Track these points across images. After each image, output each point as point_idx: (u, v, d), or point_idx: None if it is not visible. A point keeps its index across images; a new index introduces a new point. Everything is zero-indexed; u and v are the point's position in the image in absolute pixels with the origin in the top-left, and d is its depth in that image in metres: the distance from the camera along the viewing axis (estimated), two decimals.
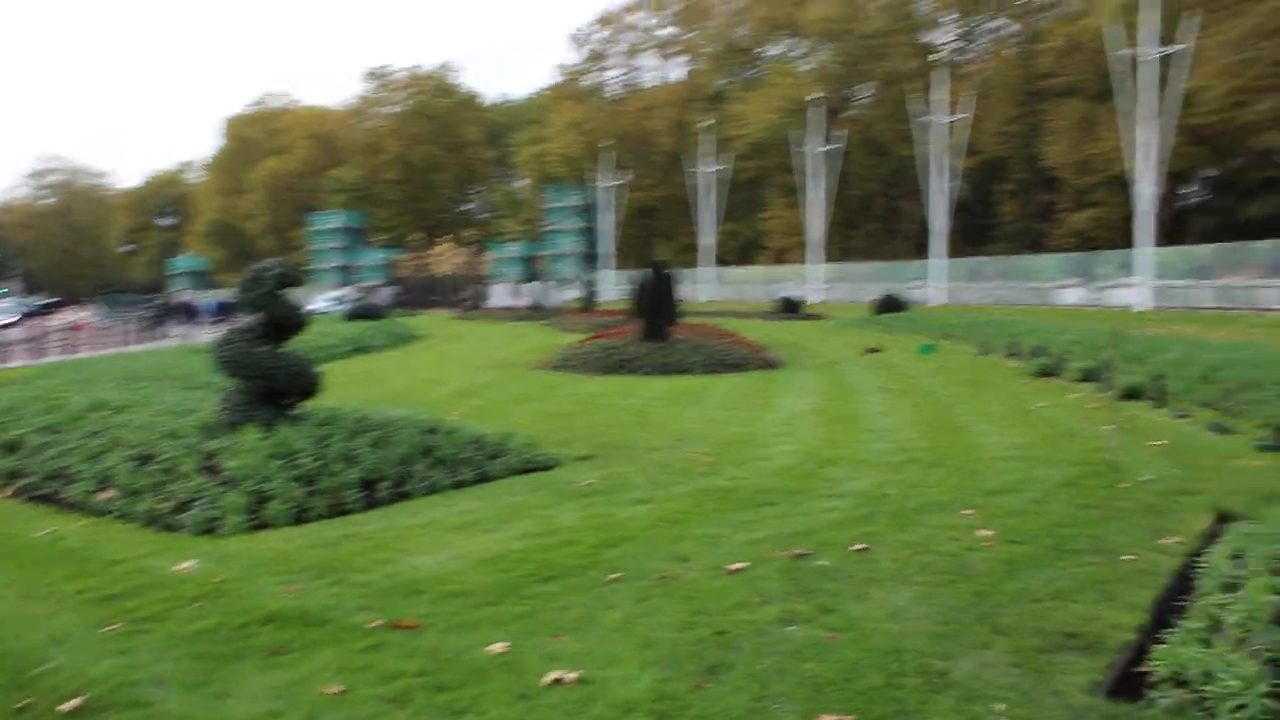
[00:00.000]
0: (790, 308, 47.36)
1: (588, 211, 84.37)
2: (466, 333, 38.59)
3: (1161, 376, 14.99)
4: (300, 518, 7.93)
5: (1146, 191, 42.59)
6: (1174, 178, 55.39)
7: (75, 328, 37.97)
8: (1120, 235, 63.28)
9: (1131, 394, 15.17)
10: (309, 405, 10.00)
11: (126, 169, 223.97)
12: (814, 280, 64.10)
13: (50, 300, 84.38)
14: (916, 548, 6.87)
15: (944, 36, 78.03)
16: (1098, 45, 59.91)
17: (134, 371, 16.54)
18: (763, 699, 4.35)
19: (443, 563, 6.49)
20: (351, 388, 15.57)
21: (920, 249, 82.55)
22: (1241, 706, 4.41)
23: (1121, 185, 61.23)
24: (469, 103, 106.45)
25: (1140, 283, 42.70)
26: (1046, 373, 19.04)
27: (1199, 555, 6.77)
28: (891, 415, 13.90)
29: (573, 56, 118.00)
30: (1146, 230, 42.73)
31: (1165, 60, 42.65)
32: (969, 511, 7.95)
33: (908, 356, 24.30)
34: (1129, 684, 4.81)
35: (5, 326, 45.95)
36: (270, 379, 9.41)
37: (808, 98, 66.19)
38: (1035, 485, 9.00)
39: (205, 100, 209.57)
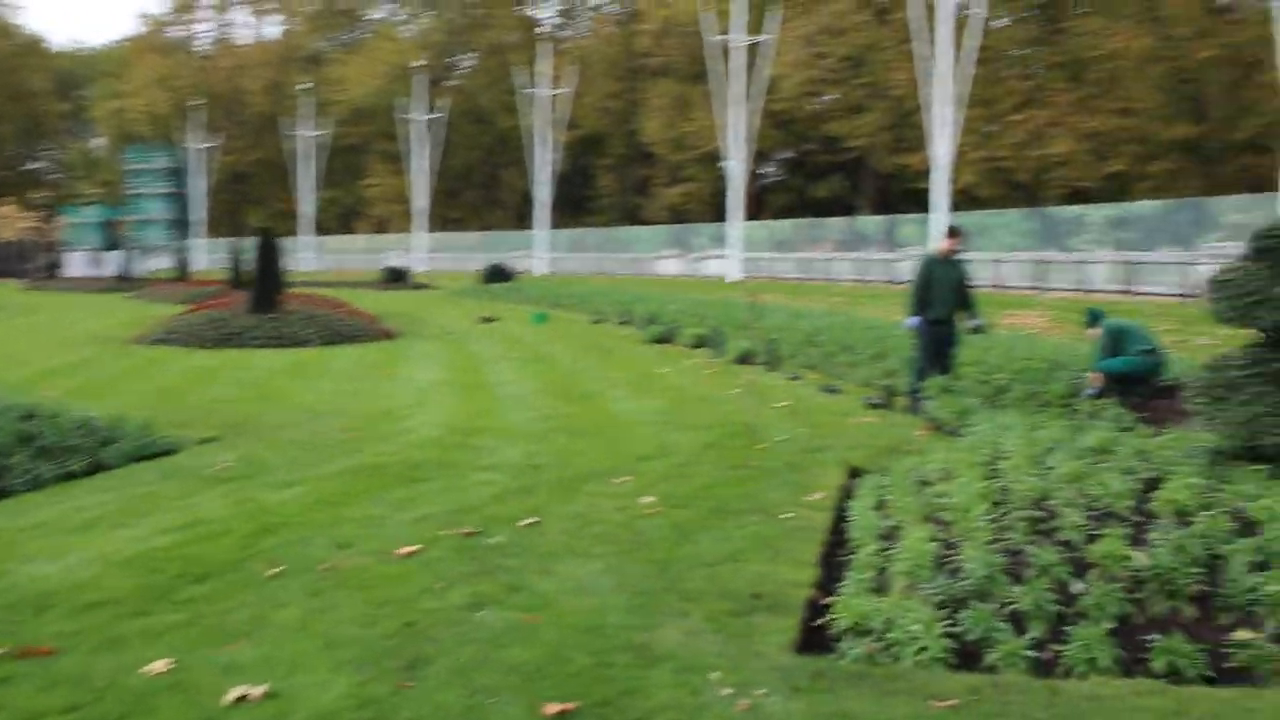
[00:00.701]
0: (397, 277, 46.57)
1: (176, 175, 78.52)
2: (42, 305, 34.76)
3: (775, 341, 15.94)
4: None
5: (736, 170, 45.41)
6: (757, 157, 59.49)
7: None
8: (710, 209, 67.30)
9: (744, 359, 16.04)
10: None
11: None
12: (418, 250, 63.42)
13: None
14: (585, 519, 6.79)
15: (546, 11, 79.32)
16: (692, 29, 63.15)
17: None
18: (476, 694, 4.05)
19: (72, 568, 5.63)
20: None
21: (521, 219, 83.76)
22: (924, 648, 4.65)
23: (711, 162, 65.10)
24: (34, 47, 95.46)
25: (731, 255, 45.57)
26: (661, 340, 19.79)
27: (844, 509, 7.18)
28: (522, 383, 13.86)
29: (156, 5, 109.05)
30: (736, 206, 45.60)
31: (752, 48, 45.59)
32: (625, 478, 7.98)
33: (523, 325, 24.48)
34: (817, 638, 4.96)
35: None
36: None
37: (411, 64, 65.04)
38: (680, 449, 9.22)
39: None
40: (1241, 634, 4.74)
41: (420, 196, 63.11)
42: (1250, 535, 5.49)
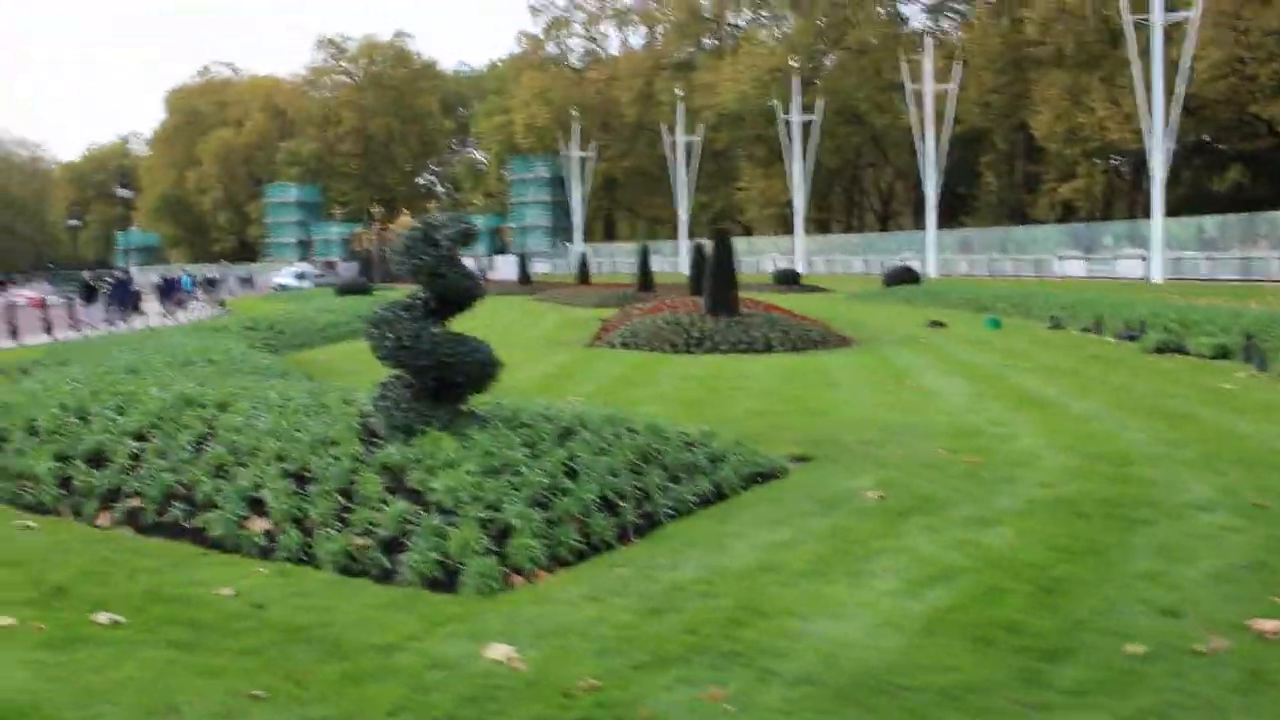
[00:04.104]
0: (788, 280, 45.62)
1: (556, 183, 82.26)
2: None
3: None
4: (554, 558, 5.93)
5: (1158, 162, 41.15)
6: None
7: (35, 304, 34.96)
8: (1101, 206, 62.48)
9: None
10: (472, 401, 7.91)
11: (59, 142, 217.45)
12: (797, 252, 62.30)
13: None
14: None
15: (916, 6, 76.65)
16: (1079, 13, 58.54)
17: (168, 356, 14.05)
18: None
19: (872, 633, 4.50)
20: None
21: (884, 220, 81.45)
22: None
23: (1104, 155, 60.39)
24: (426, 71, 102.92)
25: (1153, 255, 41.45)
26: (1165, 349, 17.30)
27: None
28: (1074, 398, 12.03)
29: (532, 24, 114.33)
30: (1157, 201, 41.38)
31: (1175, 27, 41.27)
32: None
33: (976, 330, 22.61)
34: None
35: None
36: (450, 368, 7.30)
37: (789, 63, 64.01)
38: None
39: (137, 69, 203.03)
40: None
41: (798, 198, 62.07)
42: None
